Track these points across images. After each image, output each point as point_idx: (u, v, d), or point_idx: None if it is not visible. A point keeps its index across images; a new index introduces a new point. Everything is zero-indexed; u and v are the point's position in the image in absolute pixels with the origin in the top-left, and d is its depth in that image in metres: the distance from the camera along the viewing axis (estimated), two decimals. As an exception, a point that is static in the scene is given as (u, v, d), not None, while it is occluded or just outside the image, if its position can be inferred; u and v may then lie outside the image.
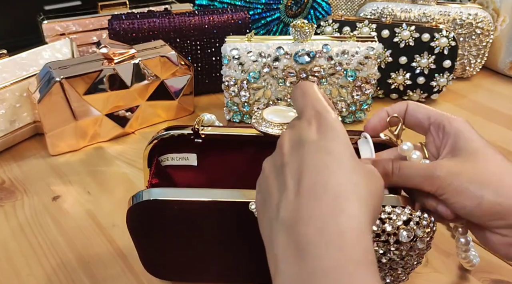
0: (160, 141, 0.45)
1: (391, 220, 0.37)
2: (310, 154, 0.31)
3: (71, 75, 0.63)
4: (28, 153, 0.68)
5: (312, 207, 0.28)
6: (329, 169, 0.30)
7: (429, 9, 0.84)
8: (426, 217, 0.38)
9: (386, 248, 0.38)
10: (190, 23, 0.77)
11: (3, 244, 0.53)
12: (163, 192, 0.39)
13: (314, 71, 0.69)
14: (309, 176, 0.30)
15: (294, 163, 0.31)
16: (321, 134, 0.32)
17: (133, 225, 0.41)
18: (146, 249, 0.44)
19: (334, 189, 0.29)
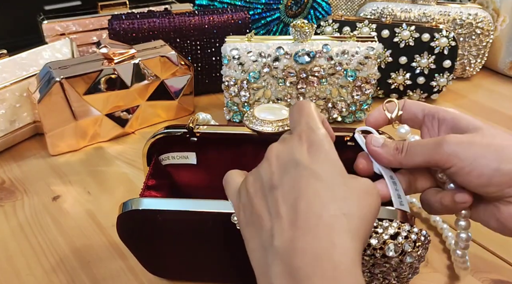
0: (159, 141, 0.45)
1: (377, 234, 0.36)
2: (303, 179, 0.31)
3: (71, 75, 0.63)
4: (28, 153, 0.68)
5: (307, 240, 0.29)
6: (322, 199, 0.30)
7: (429, 9, 0.84)
8: (416, 231, 0.36)
9: (374, 261, 0.37)
10: (190, 23, 0.77)
11: (3, 244, 0.53)
12: (151, 202, 0.39)
13: (314, 71, 0.69)
14: (303, 205, 0.30)
15: (285, 187, 0.31)
16: (312, 155, 0.32)
17: (123, 232, 0.41)
18: (139, 254, 0.44)
19: (327, 222, 0.29)
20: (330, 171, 0.32)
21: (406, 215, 0.38)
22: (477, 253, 0.52)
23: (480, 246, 0.52)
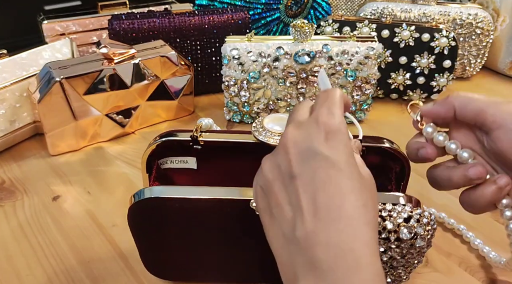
0: (160, 146, 0.44)
1: (392, 217, 0.37)
2: (322, 169, 0.31)
3: (71, 75, 0.63)
4: (28, 153, 0.68)
5: (329, 232, 0.30)
6: (342, 191, 0.31)
7: (429, 9, 0.84)
8: (427, 215, 0.38)
9: (386, 246, 0.38)
10: (190, 23, 0.77)
11: (3, 244, 0.53)
12: (164, 190, 0.39)
13: (314, 71, 0.69)
14: (324, 197, 0.31)
15: (305, 177, 0.32)
16: (330, 144, 0.32)
17: (134, 223, 0.41)
18: (147, 248, 0.44)
19: (348, 214, 0.30)
20: (348, 161, 0.32)
21: (417, 200, 0.39)
22: (477, 253, 0.52)
23: (480, 246, 0.52)
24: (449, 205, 0.58)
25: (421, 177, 0.61)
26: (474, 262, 0.50)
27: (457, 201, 0.41)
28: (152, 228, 0.41)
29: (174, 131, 0.45)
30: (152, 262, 0.45)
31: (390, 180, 0.45)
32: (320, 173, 0.31)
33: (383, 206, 0.38)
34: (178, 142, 0.44)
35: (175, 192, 0.39)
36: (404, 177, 0.44)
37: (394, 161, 0.44)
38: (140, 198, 0.39)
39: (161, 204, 0.39)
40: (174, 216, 0.40)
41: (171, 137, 0.44)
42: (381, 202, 0.38)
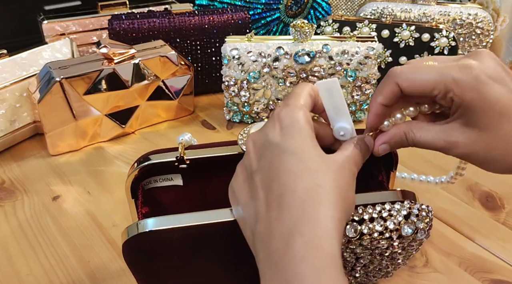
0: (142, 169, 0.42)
1: (392, 216, 0.37)
2: (275, 157, 0.31)
3: (71, 75, 0.63)
4: (28, 153, 0.68)
5: (281, 220, 0.29)
6: (295, 174, 0.30)
7: (429, 9, 0.84)
8: (425, 208, 0.38)
9: (389, 244, 0.38)
10: (190, 23, 0.77)
11: (3, 244, 0.53)
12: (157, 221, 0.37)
13: (314, 71, 0.69)
14: (278, 185, 0.30)
15: (263, 170, 0.32)
16: (284, 132, 0.32)
17: (130, 259, 0.39)
18: (146, 278, 0.41)
19: (301, 196, 0.29)
20: (303, 145, 0.31)
21: (409, 194, 0.39)
22: (477, 253, 0.52)
23: (480, 246, 0.52)
24: (450, 210, 0.58)
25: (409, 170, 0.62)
26: (474, 262, 0.50)
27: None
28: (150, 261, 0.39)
29: (152, 153, 0.43)
30: None
31: (379, 170, 0.44)
32: (274, 162, 0.31)
33: (382, 206, 0.38)
34: (162, 164, 0.42)
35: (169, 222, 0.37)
36: (392, 165, 0.44)
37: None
38: (133, 233, 0.37)
39: (155, 237, 0.37)
40: (171, 246, 0.38)
41: (153, 160, 0.42)
42: (379, 202, 0.38)
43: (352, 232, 0.36)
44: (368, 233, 0.36)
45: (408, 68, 0.36)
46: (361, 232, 0.36)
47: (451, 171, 0.51)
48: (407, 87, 0.35)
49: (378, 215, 0.37)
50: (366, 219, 0.37)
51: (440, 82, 0.34)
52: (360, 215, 0.37)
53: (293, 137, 0.32)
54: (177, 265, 0.41)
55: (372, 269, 0.42)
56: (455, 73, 0.34)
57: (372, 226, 0.37)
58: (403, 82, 0.35)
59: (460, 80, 0.33)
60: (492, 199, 0.59)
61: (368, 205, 0.38)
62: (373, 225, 0.37)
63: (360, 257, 0.40)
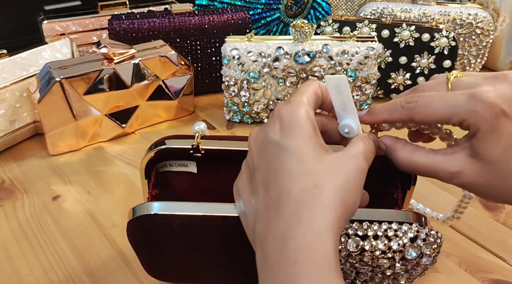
0: (157, 153, 0.43)
1: (398, 237, 0.36)
2: (274, 156, 0.31)
3: (71, 75, 0.62)
4: (28, 153, 0.68)
5: (276, 222, 0.29)
6: (292, 174, 0.30)
7: (429, 9, 0.84)
8: (433, 234, 0.37)
9: (391, 264, 0.37)
10: (190, 23, 0.77)
11: (3, 244, 0.53)
12: (163, 206, 0.38)
13: (314, 71, 0.69)
14: (275, 183, 0.30)
15: (262, 168, 0.32)
16: (284, 131, 0.32)
17: (133, 238, 0.40)
18: (147, 258, 0.43)
19: (296, 198, 0.29)
20: (303, 144, 0.31)
21: (423, 218, 0.38)
22: (477, 253, 0.52)
23: (480, 246, 0.52)
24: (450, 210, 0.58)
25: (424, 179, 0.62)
26: (474, 262, 0.50)
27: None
28: (152, 242, 0.40)
29: (170, 137, 0.43)
30: (152, 269, 0.45)
31: (396, 187, 0.43)
32: (273, 161, 0.31)
33: (389, 225, 0.37)
34: (177, 150, 0.43)
35: (174, 208, 0.38)
36: (410, 184, 0.42)
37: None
38: (138, 213, 0.38)
39: (159, 221, 0.38)
40: (174, 232, 0.39)
41: (169, 144, 0.43)
42: (387, 220, 0.37)
43: (353, 247, 0.36)
44: (370, 250, 0.36)
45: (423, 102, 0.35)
46: (363, 248, 0.36)
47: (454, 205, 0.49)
48: (420, 121, 0.36)
49: (383, 233, 0.36)
50: (370, 235, 0.36)
51: (455, 114, 0.33)
52: (364, 231, 0.36)
53: (293, 135, 0.31)
54: (178, 251, 0.41)
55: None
56: (471, 105, 0.33)
57: (375, 243, 0.36)
58: (416, 117, 0.35)
59: (474, 110, 0.32)
60: (492, 199, 0.59)
61: (374, 222, 0.37)
62: (376, 242, 0.36)
63: (360, 272, 0.39)
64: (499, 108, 0.32)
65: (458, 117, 0.33)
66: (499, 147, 0.32)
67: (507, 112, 0.32)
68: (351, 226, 0.36)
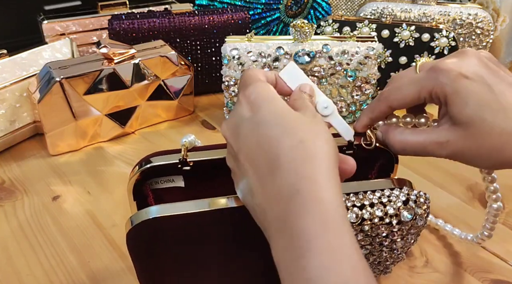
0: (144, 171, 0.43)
1: (391, 202, 0.38)
2: (251, 132, 0.32)
3: (71, 75, 0.63)
4: (28, 153, 0.68)
5: (274, 185, 0.30)
6: (275, 139, 0.31)
7: (429, 9, 0.84)
8: (422, 195, 0.38)
9: (389, 230, 0.38)
10: (190, 23, 0.77)
11: (3, 244, 0.53)
12: (161, 209, 0.38)
13: (314, 71, 0.69)
14: (261, 155, 0.31)
15: (243, 147, 0.32)
16: (253, 107, 0.33)
17: (135, 247, 0.39)
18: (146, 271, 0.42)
19: (287, 157, 0.30)
20: (273, 110, 0.32)
21: (409, 182, 0.40)
22: (477, 253, 0.52)
23: (480, 246, 0.52)
24: (450, 209, 0.58)
25: (418, 175, 0.62)
26: (474, 262, 0.50)
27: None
28: (153, 249, 0.39)
29: (154, 154, 0.43)
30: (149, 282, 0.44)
31: (371, 169, 0.45)
32: (251, 136, 0.32)
33: (382, 192, 0.38)
34: (164, 166, 0.42)
35: (173, 209, 0.38)
36: (392, 168, 0.44)
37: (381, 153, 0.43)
38: (137, 221, 0.37)
39: (160, 224, 0.38)
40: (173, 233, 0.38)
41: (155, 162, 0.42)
42: (379, 189, 0.38)
43: (354, 217, 0.37)
44: (369, 218, 0.37)
45: (393, 87, 0.39)
46: (362, 217, 0.37)
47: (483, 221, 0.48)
48: (397, 106, 0.39)
49: (378, 200, 0.38)
50: (367, 204, 0.37)
51: (422, 90, 0.37)
52: (360, 201, 0.37)
53: (262, 107, 0.32)
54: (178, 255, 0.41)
55: (372, 261, 0.43)
56: (431, 76, 0.37)
57: (373, 211, 0.37)
58: (392, 103, 0.39)
59: (435, 79, 0.36)
60: (492, 199, 0.59)
61: (368, 191, 0.38)
62: (373, 210, 0.37)
63: (360, 247, 0.40)
64: (457, 71, 0.35)
65: (425, 90, 0.37)
66: (470, 106, 0.35)
67: (466, 74, 0.35)
68: (348, 198, 0.38)
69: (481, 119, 0.35)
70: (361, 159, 0.40)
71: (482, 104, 0.35)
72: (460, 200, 0.59)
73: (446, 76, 0.36)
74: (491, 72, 0.36)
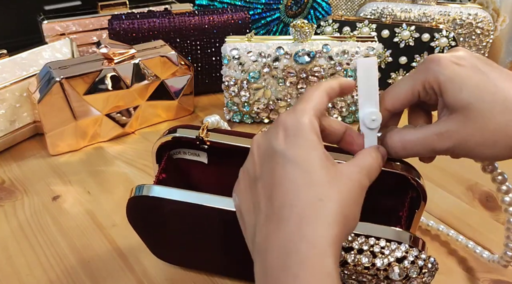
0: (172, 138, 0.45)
1: (383, 255, 0.35)
2: (278, 166, 0.30)
3: (71, 75, 0.63)
4: (28, 153, 0.68)
5: (278, 234, 0.29)
6: (296, 186, 0.29)
7: (429, 9, 0.84)
8: (424, 258, 0.35)
9: (376, 281, 0.36)
10: (190, 23, 0.77)
11: (3, 244, 0.53)
12: (162, 191, 0.40)
13: (314, 71, 0.69)
14: (278, 195, 0.30)
15: (265, 177, 0.31)
16: (288, 141, 0.31)
17: (132, 217, 0.42)
18: (146, 237, 0.44)
19: (299, 211, 0.29)
20: (308, 155, 0.30)
21: (417, 239, 0.37)
22: (477, 253, 0.52)
23: (480, 246, 0.52)
24: (450, 210, 0.58)
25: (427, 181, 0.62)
26: (474, 262, 0.50)
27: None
28: (150, 223, 0.42)
29: (183, 126, 0.44)
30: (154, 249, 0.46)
31: (403, 206, 0.42)
32: (277, 171, 0.30)
33: (376, 241, 0.36)
34: (186, 139, 0.44)
35: (173, 194, 0.39)
36: (418, 204, 0.42)
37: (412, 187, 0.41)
38: (138, 193, 0.40)
39: (157, 204, 0.40)
40: (171, 216, 0.40)
41: (179, 133, 0.44)
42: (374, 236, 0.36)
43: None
44: (353, 263, 0.35)
45: (387, 89, 0.38)
46: (345, 259, 0.35)
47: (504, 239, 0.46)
48: (392, 106, 0.38)
49: (369, 248, 0.35)
50: (355, 248, 0.35)
51: (415, 84, 0.36)
52: (349, 243, 0.35)
53: (297, 146, 0.31)
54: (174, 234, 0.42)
55: None
56: (424, 67, 0.36)
57: (359, 258, 0.35)
58: (387, 104, 0.38)
59: (428, 68, 0.36)
60: (492, 199, 0.59)
61: (361, 235, 0.35)
62: (359, 257, 0.35)
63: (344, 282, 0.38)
64: (449, 59, 0.35)
65: (419, 83, 0.36)
66: (466, 90, 0.34)
67: (459, 62, 0.35)
68: None
69: (479, 100, 0.33)
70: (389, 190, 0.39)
71: (478, 88, 0.33)
72: (460, 200, 0.59)
73: (439, 64, 0.35)
74: (483, 62, 0.35)
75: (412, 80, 0.37)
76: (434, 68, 0.35)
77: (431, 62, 0.36)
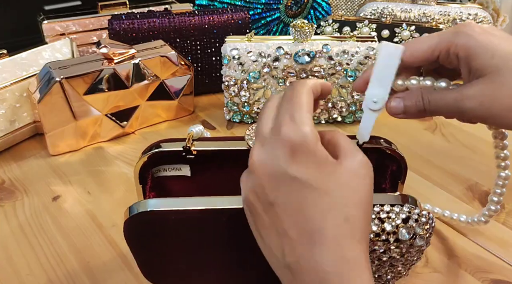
0: (150, 157, 0.43)
1: (390, 219, 0.37)
2: (295, 192, 0.30)
3: (71, 75, 0.63)
4: (28, 153, 0.68)
5: (314, 256, 0.30)
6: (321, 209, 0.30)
7: (429, 9, 0.84)
8: (425, 214, 0.38)
9: (386, 247, 0.38)
10: (190, 23, 0.77)
11: (3, 244, 0.53)
12: (159, 202, 0.38)
13: (314, 71, 0.69)
14: (304, 221, 0.30)
15: (282, 203, 0.31)
16: (297, 161, 0.30)
17: (130, 237, 0.40)
18: (144, 259, 0.43)
19: (329, 234, 0.30)
20: (319, 175, 0.30)
21: (414, 199, 0.39)
22: (477, 253, 0.52)
23: (480, 246, 0.52)
24: (450, 210, 0.58)
25: (418, 175, 0.62)
26: (474, 262, 0.50)
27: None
28: (149, 240, 0.40)
29: (164, 141, 0.43)
30: (150, 272, 0.44)
31: (384, 178, 0.44)
32: (294, 197, 0.30)
33: (381, 207, 0.38)
34: (170, 152, 0.43)
35: (171, 204, 0.38)
36: (400, 176, 0.44)
37: (391, 160, 0.43)
38: (135, 212, 0.38)
39: (156, 217, 0.38)
40: (171, 228, 0.39)
41: (162, 148, 0.43)
42: (378, 204, 0.38)
43: None
44: None
45: (409, 42, 0.38)
46: None
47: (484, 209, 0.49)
48: (409, 57, 0.37)
49: (376, 216, 0.37)
50: None
51: (440, 42, 0.36)
52: None
53: (308, 164, 0.30)
54: (175, 251, 0.41)
55: None
56: (454, 30, 0.36)
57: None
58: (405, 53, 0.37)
59: (459, 31, 0.36)
60: (492, 199, 0.59)
61: None
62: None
63: None
64: (481, 27, 0.36)
65: (445, 43, 0.36)
66: (499, 57, 0.34)
67: (491, 32, 0.36)
68: None
69: (510, 67, 0.34)
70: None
71: (508, 56, 0.34)
72: (460, 200, 0.59)
73: (473, 31, 0.35)
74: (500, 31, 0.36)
75: (438, 39, 0.37)
76: (468, 32, 0.35)
77: (464, 26, 0.36)
